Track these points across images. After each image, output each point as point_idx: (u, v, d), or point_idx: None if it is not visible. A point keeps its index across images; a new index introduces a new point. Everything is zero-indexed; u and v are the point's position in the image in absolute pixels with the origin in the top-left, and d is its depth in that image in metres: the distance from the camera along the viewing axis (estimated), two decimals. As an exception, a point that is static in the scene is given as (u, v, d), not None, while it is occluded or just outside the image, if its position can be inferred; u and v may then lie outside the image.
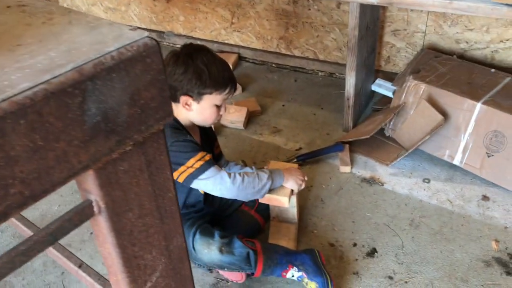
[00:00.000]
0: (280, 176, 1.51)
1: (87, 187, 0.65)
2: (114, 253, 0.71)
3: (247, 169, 1.68)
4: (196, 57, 1.39)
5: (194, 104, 1.44)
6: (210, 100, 1.44)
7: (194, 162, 1.38)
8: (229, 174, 1.40)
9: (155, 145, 0.69)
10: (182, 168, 1.39)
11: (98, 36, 0.62)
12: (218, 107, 1.47)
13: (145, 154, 0.68)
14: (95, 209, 0.65)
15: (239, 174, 1.42)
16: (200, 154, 1.39)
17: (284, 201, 1.50)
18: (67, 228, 0.63)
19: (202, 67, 1.38)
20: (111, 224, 0.68)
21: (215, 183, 1.39)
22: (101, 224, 0.68)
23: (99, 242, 0.73)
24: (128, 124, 0.62)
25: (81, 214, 0.64)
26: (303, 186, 1.56)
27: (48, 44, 0.61)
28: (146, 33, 0.63)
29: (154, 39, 0.62)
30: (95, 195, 0.65)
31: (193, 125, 1.55)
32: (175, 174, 1.40)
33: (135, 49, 0.60)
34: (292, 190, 1.54)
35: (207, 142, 1.63)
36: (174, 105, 1.50)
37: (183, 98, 1.43)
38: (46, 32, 0.64)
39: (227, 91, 1.44)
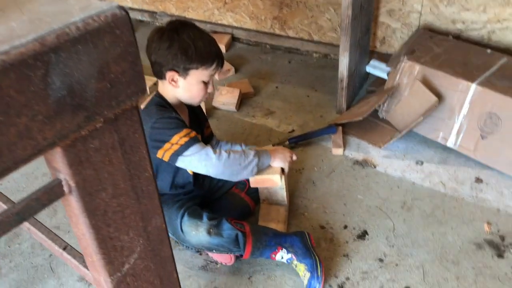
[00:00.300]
0: (266, 155, 1.49)
1: (56, 165, 0.62)
2: (88, 234, 0.69)
3: (237, 147, 1.66)
4: (182, 32, 1.36)
5: (180, 80, 1.41)
6: (197, 76, 1.40)
7: (178, 138, 1.35)
8: (215, 151, 1.37)
9: (128, 122, 0.66)
10: (166, 146, 1.36)
11: (64, 6, 0.59)
12: (205, 83, 1.44)
13: (117, 132, 0.65)
14: (65, 188, 0.63)
15: (226, 151, 1.39)
16: (184, 131, 1.37)
17: (275, 179, 1.48)
18: (35, 208, 0.60)
19: (188, 41, 1.35)
20: (83, 204, 0.65)
21: (200, 159, 1.36)
22: (72, 204, 0.66)
23: (72, 223, 0.70)
24: (97, 99, 0.59)
25: (49, 194, 0.61)
26: (293, 160, 1.54)
27: (10, 13, 0.57)
28: (116, 3, 0.60)
29: (124, 9, 0.59)
30: (65, 174, 0.62)
31: (181, 104, 1.52)
32: (160, 152, 1.37)
33: (102, 19, 0.56)
34: (282, 169, 1.52)
35: (196, 122, 1.60)
36: (160, 82, 1.47)
37: (169, 74, 1.39)
38: (9, 1, 0.61)
39: (213, 66, 1.41)
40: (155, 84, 2.50)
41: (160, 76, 1.42)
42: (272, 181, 1.49)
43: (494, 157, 1.80)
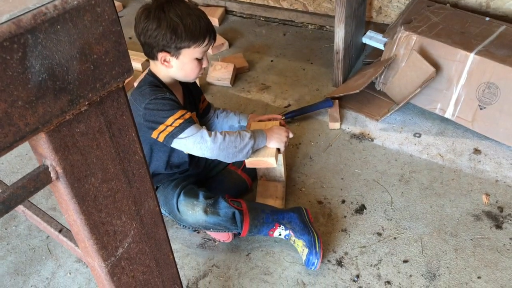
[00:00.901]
0: (262, 136, 1.45)
1: (41, 151, 0.60)
2: (78, 220, 0.67)
3: (231, 116, 1.64)
4: (168, 9, 1.30)
5: (173, 60, 1.37)
6: (189, 54, 1.36)
7: (173, 120, 1.32)
8: (210, 133, 1.35)
9: (115, 104, 0.64)
10: (161, 127, 1.33)
11: (40, -17, 0.56)
12: (199, 60, 1.40)
13: (104, 115, 0.63)
14: (52, 174, 0.61)
15: (221, 132, 1.36)
16: (179, 112, 1.34)
17: (271, 161, 1.46)
18: (21, 195, 0.59)
19: (176, 19, 1.30)
20: (71, 190, 0.63)
21: (195, 142, 1.33)
22: (61, 191, 0.64)
23: (62, 209, 0.69)
24: (80, 81, 0.56)
25: (36, 181, 0.59)
26: (289, 138, 1.51)
27: (-18, -8, 0.54)
28: (96, -21, 0.57)
29: (104, -15, 0.56)
30: (51, 160, 0.60)
31: (175, 82, 1.48)
32: (155, 133, 1.35)
33: (81, -3, 0.53)
34: (278, 149, 1.49)
35: (191, 99, 1.57)
36: (152, 63, 1.43)
37: (161, 55, 1.35)
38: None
39: (206, 42, 1.37)
40: (148, 60, 2.46)
41: (152, 57, 1.38)
42: (267, 163, 1.46)
43: (493, 127, 1.78)
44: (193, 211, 1.41)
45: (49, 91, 0.54)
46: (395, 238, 1.52)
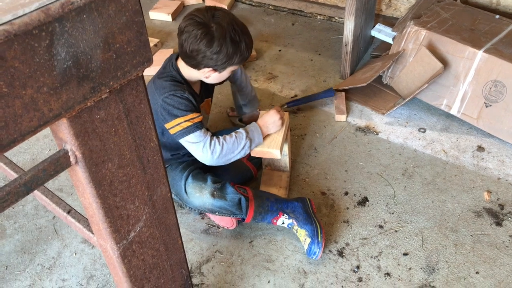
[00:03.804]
0: (256, 130, 1.49)
1: (62, 136, 0.62)
2: (94, 203, 0.69)
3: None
4: (228, 33, 1.33)
5: (215, 74, 1.44)
6: (231, 68, 1.44)
7: (183, 121, 1.39)
8: (211, 144, 1.40)
9: (134, 92, 0.65)
10: (172, 122, 1.40)
11: (67, -28, 0.57)
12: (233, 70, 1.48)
13: (123, 102, 0.64)
14: (71, 159, 0.63)
15: (219, 142, 1.41)
16: (191, 115, 1.39)
17: (275, 153, 1.48)
18: (42, 178, 0.60)
19: (235, 47, 1.35)
20: (89, 175, 0.65)
21: (197, 149, 1.41)
22: (79, 175, 0.66)
23: (79, 192, 0.71)
24: (103, 70, 0.58)
25: (56, 164, 0.61)
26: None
27: (11, -20, 0.55)
28: (121, -30, 0.58)
29: (129, -23, 0.57)
30: (71, 145, 0.62)
31: (198, 80, 1.52)
32: (167, 125, 1.41)
33: (107, -13, 0.55)
34: (284, 140, 1.51)
35: (206, 89, 1.61)
36: (184, 65, 1.44)
37: (207, 71, 1.41)
38: (10, -34, 0.59)
39: (247, 59, 1.45)
40: (156, 45, 2.46)
41: (194, 67, 1.41)
42: (272, 154, 1.49)
43: (497, 125, 1.79)
44: (200, 193, 1.45)
45: (73, 78, 0.56)
46: (396, 231, 1.54)
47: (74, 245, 1.56)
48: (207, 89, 1.61)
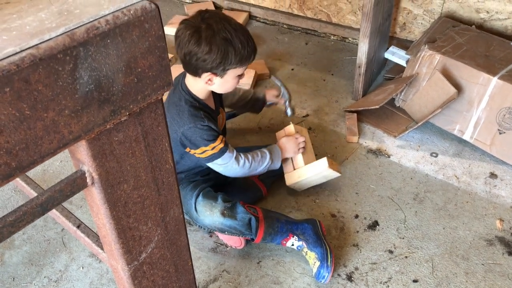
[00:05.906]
0: (277, 154, 1.60)
1: (80, 157, 0.62)
2: (108, 224, 0.69)
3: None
4: (218, 31, 1.31)
5: (217, 79, 1.41)
6: (234, 72, 1.41)
7: (212, 148, 1.44)
8: (238, 161, 1.49)
9: (152, 115, 0.65)
10: (199, 150, 1.44)
11: (93, -4, 0.58)
12: (239, 75, 1.44)
13: (141, 125, 0.65)
14: (88, 180, 0.63)
15: (247, 159, 1.50)
16: (217, 141, 1.44)
17: (333, 174, 1.65)
18: (58, 199, 0.60)
19: (226, 44, 1.31)
20: (105, 196, 0.65)
21: (226, 168, 1.49)
22: (94, 195, 0.66)
23: (93, 212, 0.70)
24: (124, 93, 0.58)
25: (72, 185, 0.61)
26: (302, 143, 1.66)
27: (39, 3, 0.56)
28: (146, -4, 0.59)
29: (154, 3, 0.57)
30: (88, 166, 0.62)
31: (209, 93, 1.51)
32: (192, 151, 1.46)
33: (132, 13, 0.55)
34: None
35: (219, 100, 1.62)
36: (190, 77, 1.45)
37: (206, 76, 1.39)
38: (37, -11, 0.60)
39: (250, 61, 1.42)
40: (170, 60, 2.48)
41: (194, 74, 1.41)
42: (319, 166, 1.62)
43: (511, 153, 1.77)
44: (211, 212, 1.45)
45: (94, 101, 0.56)
46: (406, 257, 1.52)
47: (81, 259, 1.56)
48: (219, 98, 1.62)
